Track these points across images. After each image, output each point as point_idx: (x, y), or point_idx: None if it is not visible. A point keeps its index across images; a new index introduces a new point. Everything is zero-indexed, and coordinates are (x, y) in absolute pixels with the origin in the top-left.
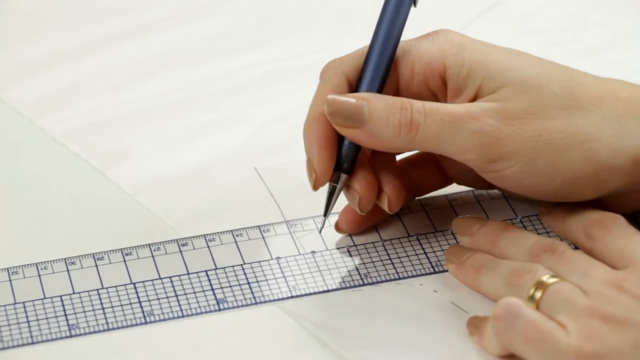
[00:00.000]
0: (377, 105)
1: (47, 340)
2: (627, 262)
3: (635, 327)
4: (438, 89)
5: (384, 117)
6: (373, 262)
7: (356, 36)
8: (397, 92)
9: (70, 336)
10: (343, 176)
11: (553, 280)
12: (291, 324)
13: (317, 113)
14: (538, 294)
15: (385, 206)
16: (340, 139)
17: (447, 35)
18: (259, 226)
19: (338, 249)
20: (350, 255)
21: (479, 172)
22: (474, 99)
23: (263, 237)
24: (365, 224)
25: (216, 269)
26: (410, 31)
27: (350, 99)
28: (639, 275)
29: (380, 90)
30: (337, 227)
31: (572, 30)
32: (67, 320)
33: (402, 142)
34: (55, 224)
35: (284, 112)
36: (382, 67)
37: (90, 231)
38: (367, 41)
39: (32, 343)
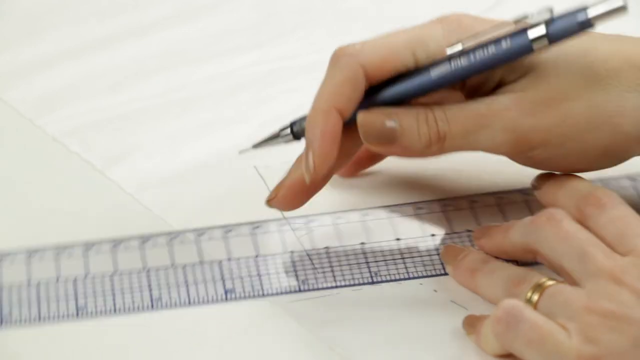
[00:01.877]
0: (407, 121)
1: (54, 320)
2: (627, 248)
3: (635, 325)
4: None
5: (414, 132)
6: (385, 260)
7: (356, 36)
8: None
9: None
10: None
11: (550, 282)
12: (292, 323)
13: (325, 105)
14: (535, 297)
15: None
16: None
17: (460, 21)
18: (277, 220)
19: (347, 246)
20: (362, 253)
21: (513, 160)
22: (494, 89)
23: (277, 231)
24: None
25: (230, 259)
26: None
27: (381, 119)
28: (638, 265)
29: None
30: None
31: None
32: (76, 301)
33: (434, 151)
34: (55, 223)
35: (284, 112)
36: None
37: (90, 231)
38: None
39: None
